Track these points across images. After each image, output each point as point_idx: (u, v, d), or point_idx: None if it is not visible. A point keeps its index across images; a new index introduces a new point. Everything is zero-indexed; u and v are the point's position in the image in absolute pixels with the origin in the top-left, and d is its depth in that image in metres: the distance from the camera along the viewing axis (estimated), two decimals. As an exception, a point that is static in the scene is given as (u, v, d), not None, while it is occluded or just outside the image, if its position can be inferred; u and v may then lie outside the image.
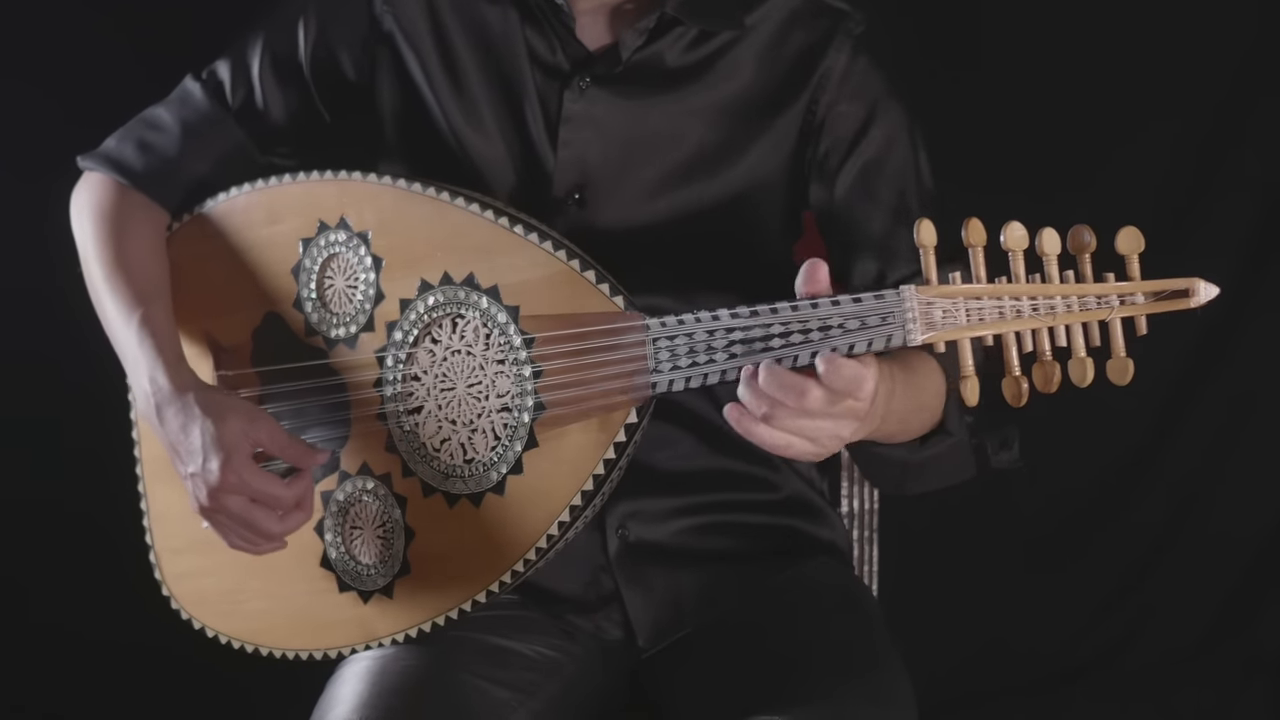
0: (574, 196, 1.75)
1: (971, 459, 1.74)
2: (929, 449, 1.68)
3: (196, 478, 1.66)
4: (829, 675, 1.65)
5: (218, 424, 1.65)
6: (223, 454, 1.64)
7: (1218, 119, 2.80)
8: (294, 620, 1.77)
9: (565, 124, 1.76)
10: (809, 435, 1.42)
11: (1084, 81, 2.77)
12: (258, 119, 1.85)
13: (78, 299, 1.84)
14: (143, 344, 1.72)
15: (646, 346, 1.54)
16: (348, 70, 1.83)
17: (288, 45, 1.83)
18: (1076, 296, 1.37)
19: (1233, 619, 2.93)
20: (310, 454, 1.69)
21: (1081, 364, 1.38)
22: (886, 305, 1.38)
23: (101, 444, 2.09)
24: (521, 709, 1.70)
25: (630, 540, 1.78)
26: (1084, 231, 1.37)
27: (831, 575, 1.87)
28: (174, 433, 1.68)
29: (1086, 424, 2.77)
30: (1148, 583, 2.94)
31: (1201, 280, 1.38)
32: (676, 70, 1.77)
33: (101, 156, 1.85)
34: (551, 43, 1.77)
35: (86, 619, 2.74)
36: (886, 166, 1.77)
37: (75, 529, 2.70)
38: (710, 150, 1.76)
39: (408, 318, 1.68)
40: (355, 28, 1.82)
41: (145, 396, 1.71)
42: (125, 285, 1.77)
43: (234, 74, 1.85)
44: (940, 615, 2.83)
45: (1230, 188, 2.80)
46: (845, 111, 1.77)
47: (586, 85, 1.75)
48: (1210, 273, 1.40)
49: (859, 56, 1.77)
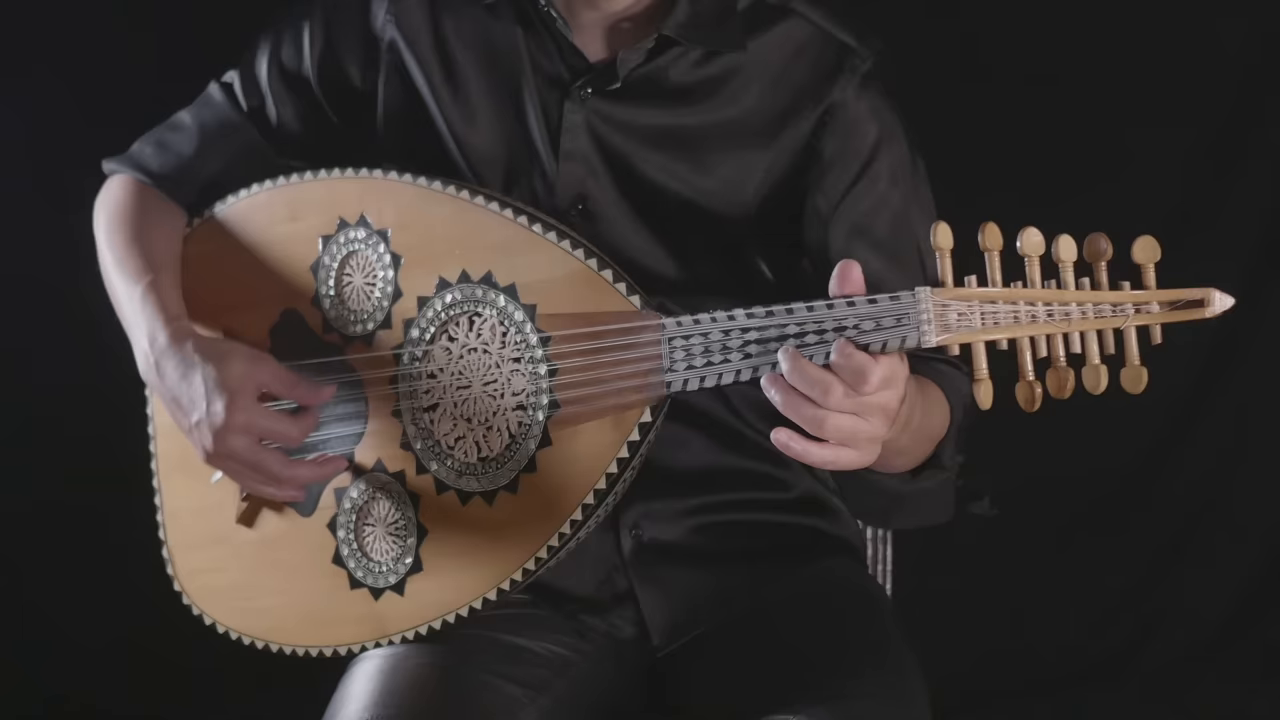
0: (577, 207, 1.76)
1: (952, 499, 1.74)
2: (921, 481, 1.67)
3: (201, 424, 1.67)
4: (843, 674, 1.66)
5: (219, 367, 1.66)
6: (227, 395, 1.65)
7: (1229, 125, 2.81)
8: (306, 617, 1.78)
9: (566, 133, 1.76)
10: (848, 440, 1.42)
11: (1097, 87, 2.78)
12: (271, 124, 1.87)
13: (97, 299, 1.86)
14: (145, 307, 1.74)
15: (662, 346, 1.54)
16: (354, 78, 1.85)
17: (294, 53, 1.86)
18: (1092, 303, 1.38)
19: (1249, 617, 2.93)
20: (316, 390, 1.70)
21: (1095, 371, 1.38)
22: (902, 306, 1.39)
23: (116, 441, 2.10)
24: (532, 706, 1.70)
25: (644, 540, 1.78)
26: (1100, 239, 1.37)
27: (845, 573, 1.87)
28: (174, 383, 1.69)
29: (1103, 424, 2.77)
30: (1164, 582, 2.95)
31: (1217, 290, 1.39)
32: (680, 87, 1.76)
33: (124, 158, 1.90)
34: (551, 53, 1.78)
35: (100, 615, 2.75)
36: (885, 205, 1.76)
37: (87, 526, 2.71)
38: (715, 166, 1.76)
39: (425, 315, 1.68)
40: (360, 36, 1.83)
41: (144, 356, 1.72)
42: (134, 258, 1.79)
43: (244, 81, 1.88)
44: (954, 614, 2.83)
45: (1243, 192, 2.82)
46: (846, 148, 1.75)
47: (588, 95, 1.76)
48: (1224, 276, 1.41)
49: (863, 95, 1.75)
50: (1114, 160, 2.79)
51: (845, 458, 1.43)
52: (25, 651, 2.79)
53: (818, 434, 1.41)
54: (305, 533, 1.76)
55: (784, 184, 1.77)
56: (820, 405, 1.40)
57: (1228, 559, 2.93)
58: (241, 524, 1.79)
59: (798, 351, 1.43)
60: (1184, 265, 1.41)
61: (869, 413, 1.41)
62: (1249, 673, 2.92)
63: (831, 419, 1.40)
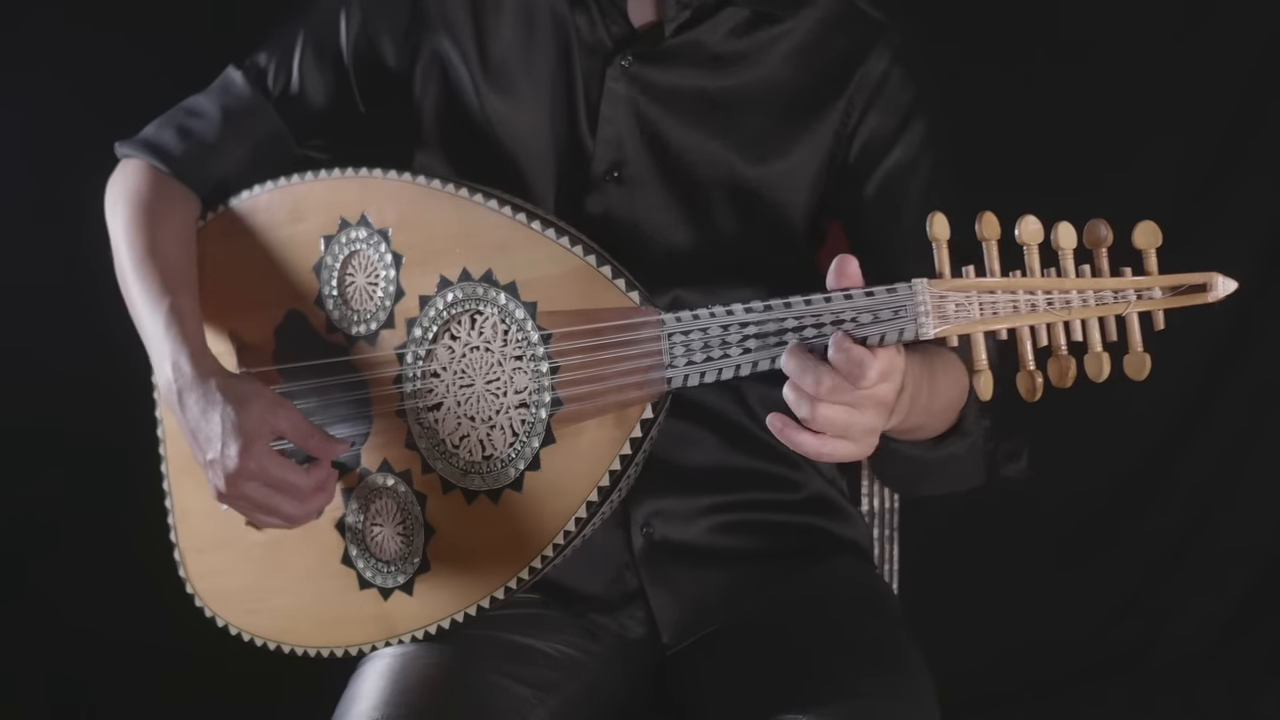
0: (613, 174, 1.76)
1: (983, 465, 1.73)
2: (946, 448, 1.68)
3: (215, 464, 1.67)
4: (852, 674, 1.65)
5: (239, 410, 1.66)
6: (242, 440, 1.65)
7: (1237, 116, 2.80)
8: (316, 618, 1.78)
9: (606, 101, 1.76)
10: (841, 432, 1.41)
11: (1103, 80, 2.77)
12: (296, 106, 1.86)
13: (110, 299, 1.85)
14: (169, 331, 1.73)
15: (662, 341, 1.54)
16: (389, 58, 1.84)
17: (330, 32, 1.85)
18: (1092, 291, 1.36)
19: (1256, 614, 2.92)
20: (330, 445, 1.70)
21: (1098, 359, 1.37)
22: (899, 298, 1.37)
23: (129, 443, 2.10)
24: (542, 707, 1.70)
25: (655, 539, 1.78)
26: (1100, 226, 1.36)
27: (854, 574, 1.87)
28: (194, 418, 1.69)
29: (1106, 424, 2.78)
30: (1169, 581, 2.94)
31: (1220, 275, 1.37)
32: (717, 56, 1.77)
33: (140, 142, 1.87)
34: (594, 19, 1.78)
35: (111, 620, 2.76)
36: (914, 177, 1.78)
37: (98, 529, 2.72)
38: (748, 138, 1.77)
39: (427, 314, 1.68)
40: (397, 15, 1.83)
41: (168, 383, 1.72)
42: (155, 274, 1.78)
43: (275, 61, 1.86)
44: (961, 614, 2.82)
45: (1249, 184, 2.80)
46: (878, 120, 1.78)
47: (629, 63, 1.76)
48: (1230, 269, 1.39)
49: (896, 67, 1.78)
50: (1120, 156, 2.77)
51: (840, 449, 1.42)
52: (33, 654, 2.80)
53: (808, 424, 1.40)
54: (314, 534, 1.76)
55: (817, 151, 1.78)
56: (811, 395, 1.39)
57: (1234, 557, 2.92)
58: (251, 526, 1.79)
59: (801, 344, 1.42)
60: (1193, 260, 1.40)
61: (864, 405, 1.40)
62: (1256, 670, 2.91)
63: (821, 409, 1.39)
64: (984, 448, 1.72)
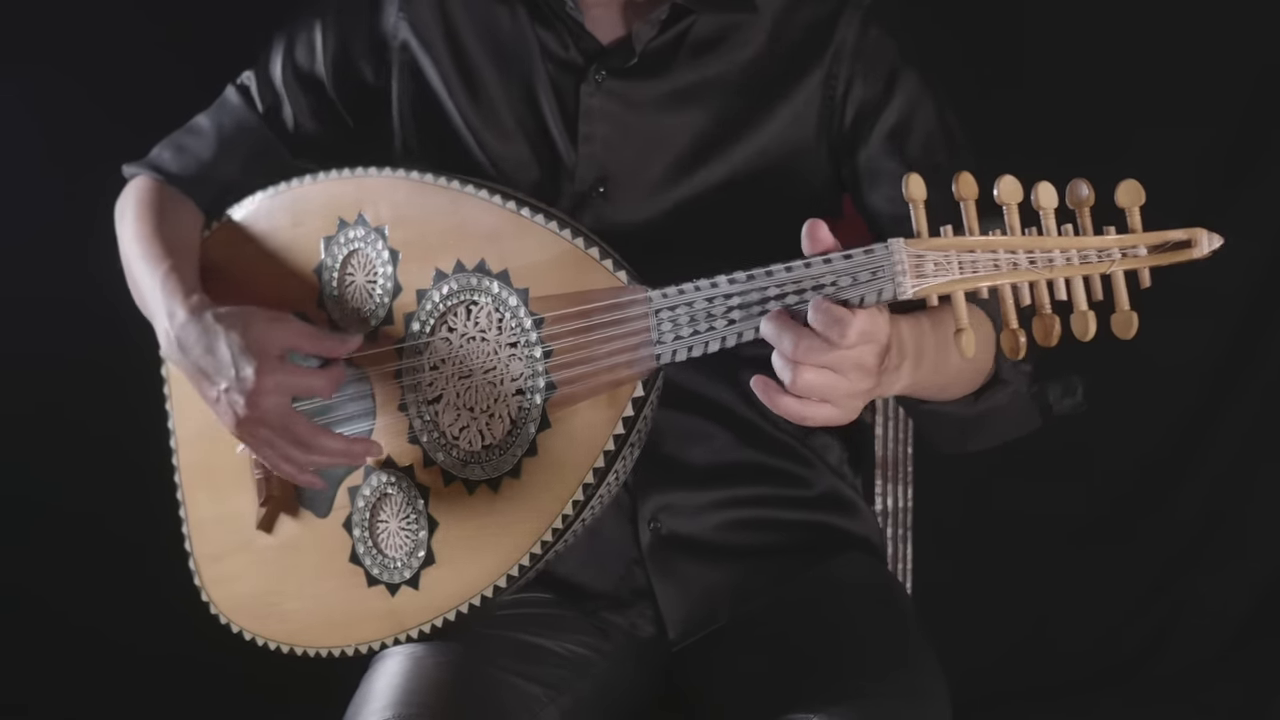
0: (597, 190, 1.76)
1: (1034, 410, 1.71)
2: (985, 402, 1.66)
3: (230, 390, 1.67)
4: (863, 673, 1.64)
5: (243, 332, 1.67)
6: (255, 359, 1.66)
7: (1252, 106, 2.78)
8: (327, 618, 1.78)
9: (584, 118, 1.77)
10: (824, 396, 1.40)
11: (1119, 67, 2.77)
12: (286, 124, 1.89)
13: (122, 303, 1.88)
14: (165, 288, 1.76)
15: (650, 319, 1.54)
16: (367, 76, 1.86)
17: (307, 53, 1.88)
18: (1075, 249, 1.35)
19: (1269, 616, 2.89)
20: (341, 343, 1.70)
21: (1084, 318, 1.35)
22: (876, 259, 1.37)
23: (140, 452, 2.12)
24: (552, 705, 1.70)
25: (663, 534, 1.78)
26: (1081, 185, 1.35)
27: (865, 571, 1.85)
28: (198, 355, 1.70)
29: (1121, 424, 2.76)
30: (1182, 581, 2.92)
31: (1205, 230, 1.36)
32: (689, 56, 1.77)
33: (143, 162, 1.92)
34: (563, 38, 1.79)
35: (126, 627, 2.78)
36: (912, 130, 1.76)
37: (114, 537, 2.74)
38: (728, 126, 1.76)
39: (424, 308, 1.69)
40: (372, 35, 1.85)
41: (165, 334, 1.74)
42: (155, 246, 1.81)
43: (260, 83, 1.90)
44: (974, 613, 2.81)
45: (1268, 172, 2.78)
46: (863, 84, 1.77)
47: (603, 78, 1.77)
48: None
49: (869, 28, 1.77)
50: (1136, 139, 2.76)
51: (820, 413, 1.41)
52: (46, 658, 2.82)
53: (791, 389, 1.40)
54: (322, 534, 1.77)
55: (802, 124, 1.77)
56: (789, 358, 1.39)
57: (1247, 558, 2.90)
58: (261, 529, 1.81)
59: (782, 310, 1.42)
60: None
61: (845, 369, 1.39)
62: (1269, 672, 2.88)
63: (802, 373, 1.39)
64: (1029, 392, 1.69)
